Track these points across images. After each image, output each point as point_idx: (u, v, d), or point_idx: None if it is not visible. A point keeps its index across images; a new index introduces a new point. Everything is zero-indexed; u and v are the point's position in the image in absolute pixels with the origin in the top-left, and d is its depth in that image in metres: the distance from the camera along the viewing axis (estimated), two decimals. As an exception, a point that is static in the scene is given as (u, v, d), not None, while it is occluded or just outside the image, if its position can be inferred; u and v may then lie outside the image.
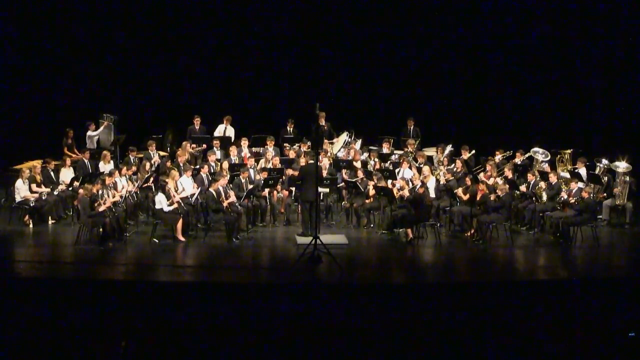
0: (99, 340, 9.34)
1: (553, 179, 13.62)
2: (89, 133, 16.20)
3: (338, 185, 14.31)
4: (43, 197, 13.48)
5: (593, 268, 12.08)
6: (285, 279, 10.99)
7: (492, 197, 12.82)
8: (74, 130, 16.09)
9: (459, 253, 12.64)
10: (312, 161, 13.07)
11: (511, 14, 17.99)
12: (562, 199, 13.16)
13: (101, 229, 12.25)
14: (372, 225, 13.76)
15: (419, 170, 14.12)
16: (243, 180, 13.63)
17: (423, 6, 18.22)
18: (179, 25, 18.15)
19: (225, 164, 14.28)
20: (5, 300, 10.18)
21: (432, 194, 13.55)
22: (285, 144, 16.05)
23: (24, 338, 9.38)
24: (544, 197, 13.40)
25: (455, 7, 18.20)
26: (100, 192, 12.48)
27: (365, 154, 15.38)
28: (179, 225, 12.67)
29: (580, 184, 13.49)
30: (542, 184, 13.60)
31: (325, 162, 14.45)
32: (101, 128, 16.33)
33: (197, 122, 16.33)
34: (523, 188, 13.78)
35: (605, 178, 14.36)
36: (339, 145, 15.98)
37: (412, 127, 16.87)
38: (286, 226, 13.86)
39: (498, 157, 15.20)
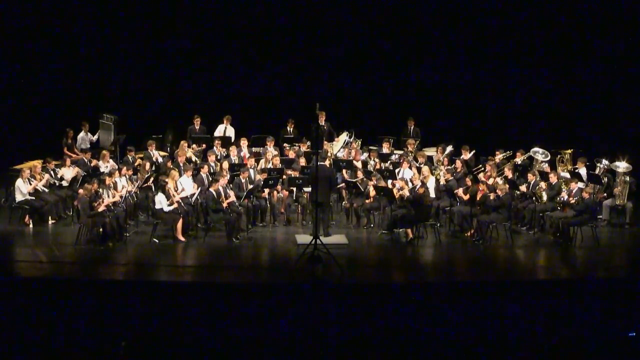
0: (99, 340, 9.34)
1: (553, 179, 13.62)
2: (82, 135, 16.24)
3: (338, 186, 14.31)
4: (44, 190, 13.46)
5: (593, 268, 12.09)
6: (285, 279, 10.99)
7: (492, 197, 12.82)
8: (74, 131, 16.13)
9: (459, 253, 12.64)
10: (321, 162, 13.05)
11: (511, 13, 17.98)
12: (562, 199, 13.16)
13: (101, 229, 12.25)
14: (372, 225, 13.75)
15: (419, 170, 14.12)
16: (243, 180, 13.62)
17: (423, 6, 18.21)
18: (179, 25, 18.15)
19: (225, 164, 14.27)
20: (5, 300, 10.17)
21: (432, 194, 13.55)
22: (285, 144, 16.05)
23: (24, 338, 9.38)
24: (544, 197, 13.40)
25: (456, 7, 18.19)
26: (99, 191, 12.48)
27: (365, 154, 15.37)
28: (179, 225, 12.67)
29: (581, 184, 13.50)
30: (542, 184, 13.60)
31: (325, 162, 14.43)
32: (98, 132, 16.42)
33: (197, 122, 16.33)
34: (523, 188, 13.78)
35: (605, 178, 14.36)
36: (339, 145, 15.97)
37: (412, 127, 16.87)
38: (286, 226, 13.85)
39: (498, 157, 15.20)
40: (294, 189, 14.02)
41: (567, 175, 14.30)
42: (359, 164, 14.67)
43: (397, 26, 18.36)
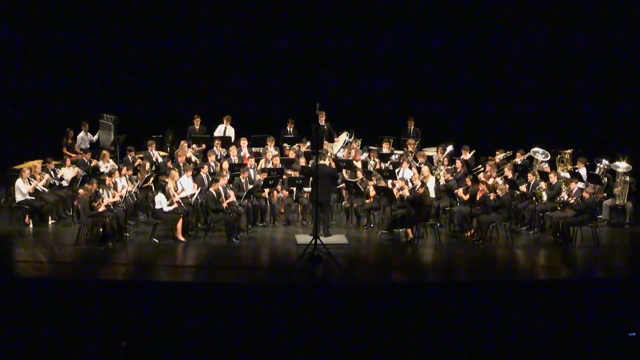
0: (99, 340, 9.34)
1: (553, 179, 13.62)
2: (81, 134, 16.26)
3: (338, 186, 14.32)
4: (44, 190, 13.47)
5: (593, 268, 12.09)
6: (285, 279, 10.99)
7: (492, 197, 12.82)
8: (74, 131, 16.14)
9: (459, 253, 12.64)
10: (322, 161, 13.05)
11: (511, 13, 17.99)
12: (562, 199, 13.16)
13: (101, 229, 12.25)
14: (372, 225, 13.76)
15: (419, 170, 14.12)
16: (243, 180, 13.63)
17: (423, 6, 18.21)
18: (179, 25, 18.15)
19: (225, 164, 14.27)
20: (5, 300, 10.17)
21: (432, 194, 13.55)
22: (285, 144, 16.05)
23: (24, 338, 9.38)
24: (544, 197, 13.40)
25: (456, 8, 18.19)
26: (99, 191, 12.48)
27: (365, 154, 15.38)
28: (179, 225, 12.68)
29: (581, 184, 13.49)
30: (542, 184, 13.60)
31: (326, 162, 14.42)
32: (98, 132, 16.43)
33: (197, 122, 16.33)
34: (523, 188, 13.78)
35: (605, 178, 14.36)
36: (339, 145, 15.98)
37: (412, 127, 16.87)
38: (286, 226, 13.85)
39: (498, 157, 15.19)
40: (294, 189, 14.03)
41: (567, 175, 14.29)
42: (359, 164, 14.67)
43: (397, 26, 18.36)
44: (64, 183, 13.99)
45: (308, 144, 15.72)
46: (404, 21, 18.33)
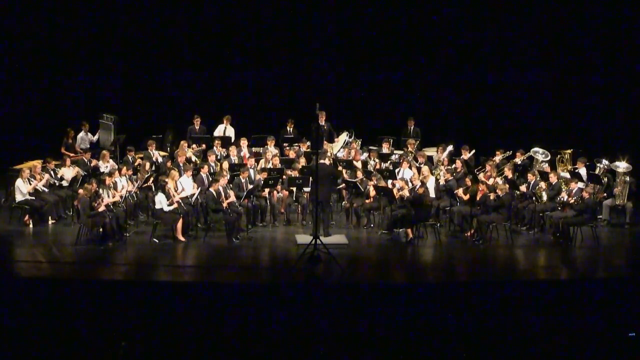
0: (99, 340, 9.34)
1: (553, 179, 13.62)
2: (81, 135, 16.26)
3: (338, 186, 14.32)
4: (44, 190, 13.47)
5: (593, 268, 12.09)
6: (285, 279, 10.99)
7: (492, 197, 12.82)
8: (74, 131, 16.14)
9: (459, 253, 12.64)
10: (322, 161, 13.06)
11: (512, 13, 17.99)
12: (562, 199, 13.16)
13: (101, 229, 12.25)
14: (372, 225, 13.76)
15: (419, 170, 14.11)
16: (243, 180, 13.63)
17: (423, 6, 18.22)
18: (179, 25, 18.15)
19: (225, 164, 14.28)
20: (5, 300, 10.17)
21: (432, 194, 13.55)
22: (285, 144, 16.05)
23: (24, 338, 9.38)
24: (544, 197, 13.40)
25: (455, 8, 18.20)
26: (99, 191, 12.48)
27: (365, 154, 15.38)
28: (179, 225, 12.68)
29: (581, 184, 13.49)
30: (543, 184, 13.60)
31: (325, 161, 14.41)
32: (98, 132, 16.44)
33: (197, 122, 16.33)
34: (523, 188, 13.78)
35: (605, 178, 14.36)
36: (339, 145, 15.98)
37: (412, 127, 16.87)
38: (286, 226, 13.85)
39: (498, 157, 15.19)
40: (294, 189, 14.03)
41: (567, 175, 14.30)
42: (359, 164, 14.67)
43: (397, 26, 18.36)
44: (64, 183, 13.99)
45: (308, 144, 15.72)
46: (403, 21, 18.33)
